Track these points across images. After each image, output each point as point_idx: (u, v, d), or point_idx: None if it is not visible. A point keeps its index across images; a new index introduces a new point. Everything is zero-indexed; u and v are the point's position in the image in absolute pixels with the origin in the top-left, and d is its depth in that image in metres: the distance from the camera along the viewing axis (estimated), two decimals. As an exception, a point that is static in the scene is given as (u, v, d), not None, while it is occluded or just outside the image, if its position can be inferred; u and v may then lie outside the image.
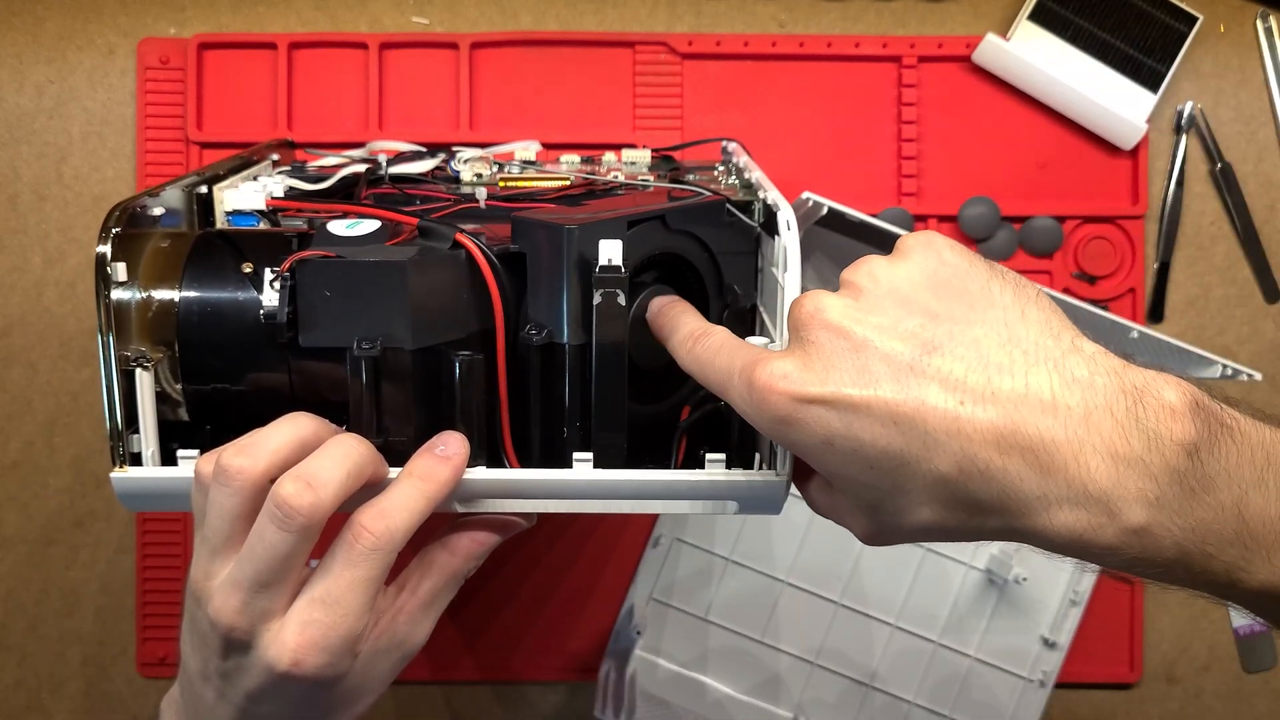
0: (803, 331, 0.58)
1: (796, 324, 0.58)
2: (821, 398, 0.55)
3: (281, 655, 0.64)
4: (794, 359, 0.57)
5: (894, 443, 0.55)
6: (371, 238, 0.69)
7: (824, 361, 0.56)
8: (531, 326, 0.69)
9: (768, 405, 0.57)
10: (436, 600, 0.72)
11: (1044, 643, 1.04)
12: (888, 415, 0.54)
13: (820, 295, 0.59)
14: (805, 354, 0.57)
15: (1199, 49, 1.06)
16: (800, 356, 0.57)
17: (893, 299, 0.58)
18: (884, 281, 0.59)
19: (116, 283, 0.67)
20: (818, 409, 0.55)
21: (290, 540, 0.62)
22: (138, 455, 0.68)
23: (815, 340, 0.57)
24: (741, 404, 0.59)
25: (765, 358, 0.58)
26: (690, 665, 1.05)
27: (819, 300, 0.58)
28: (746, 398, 0.58)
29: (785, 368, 0.56)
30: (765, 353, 0.59)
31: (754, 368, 0.57)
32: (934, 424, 0.54)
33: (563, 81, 1.06)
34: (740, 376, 0.58)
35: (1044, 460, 0.53)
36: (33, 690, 1.07)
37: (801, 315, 0.58)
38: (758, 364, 0.57)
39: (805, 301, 0.58)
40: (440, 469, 0.66)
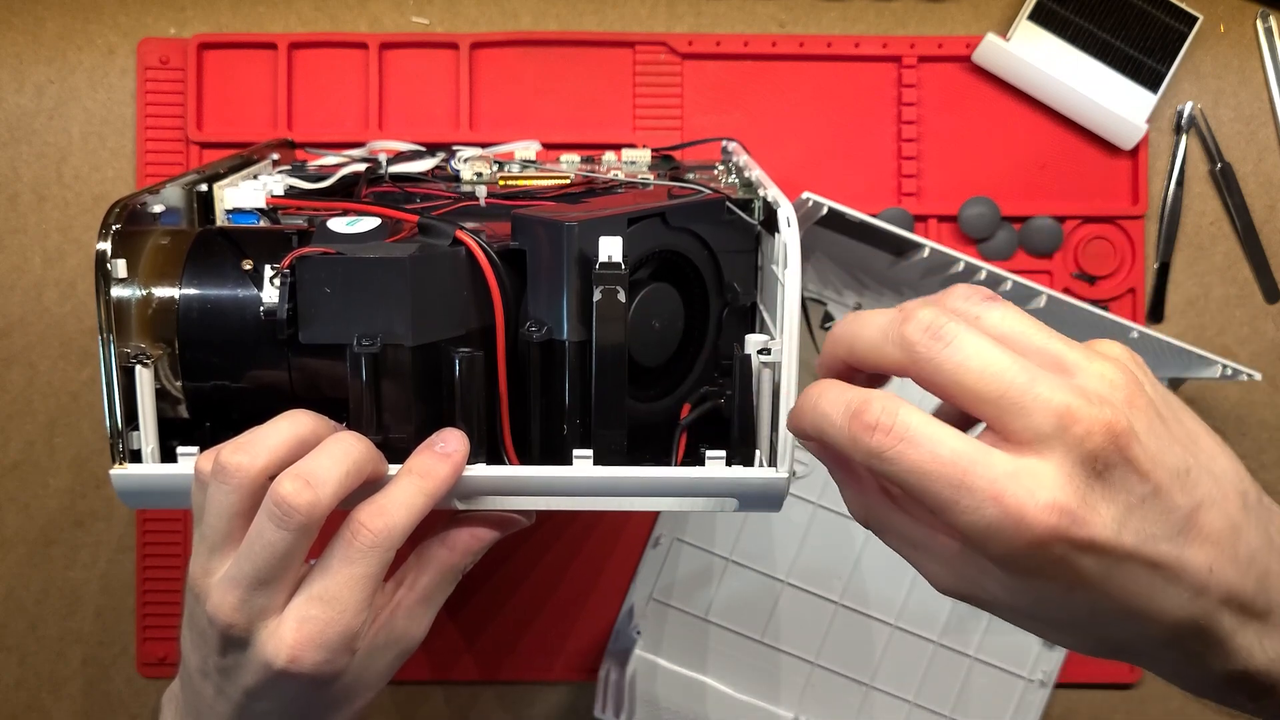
0: (1103, 454, 0.49)
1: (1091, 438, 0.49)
2: (1106, 546, 0.49)
3: (279, 652, 0.64)
4: (1077, 488, 0.49)
5: (1137, 599, 0.51)
6: (371, 235, 0.69)
7: (1116, 503, 0.49)
8: (531, 323, 0.69)
9: (1021, 532, 0.49)
10: (434, 596, 0.72)
11: (1044, 642, 1.04)
12: (1152, 571, 0.50)
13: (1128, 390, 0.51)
14: (1099, 485, 0.49)
15: (1199, 49, 1.06)
16: (1085, 488, 0.49)
17: (1168, 434, 0.52)
18: (1152, 411, 0.52)
19: (116, 280, 0.67)
20: (1088, 558, 0.49)
21: (288, 538, 0.62)
22: (137, 452, 0.68)
23: (1118, 472, 0.49)
24: (975, 526, 0.49)
25: (1026, 468, 0.49)
26: (690, 665, 1.05)
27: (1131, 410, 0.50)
28: (988, 521, 0.49)
29: (1061, 497, 0.49)
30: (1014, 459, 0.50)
31: (1005, 472, 0.49)
32: (1186, 583, 0.51)
33: (563, 81, 1.06)
34: (985, 487, 0.49)
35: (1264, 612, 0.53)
36: (33, 690, 1.07)
37: (1101, 429, 0.49)
38: (1015, 470, 0.49)
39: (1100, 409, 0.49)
40: (440, 466, 0.66)
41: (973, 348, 0.51)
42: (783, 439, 0.67)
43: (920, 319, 0.52)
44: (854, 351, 0.55)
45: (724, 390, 0.74)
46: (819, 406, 0.54)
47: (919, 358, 0.51)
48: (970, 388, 0.50)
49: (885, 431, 0.50)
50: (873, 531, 0.59)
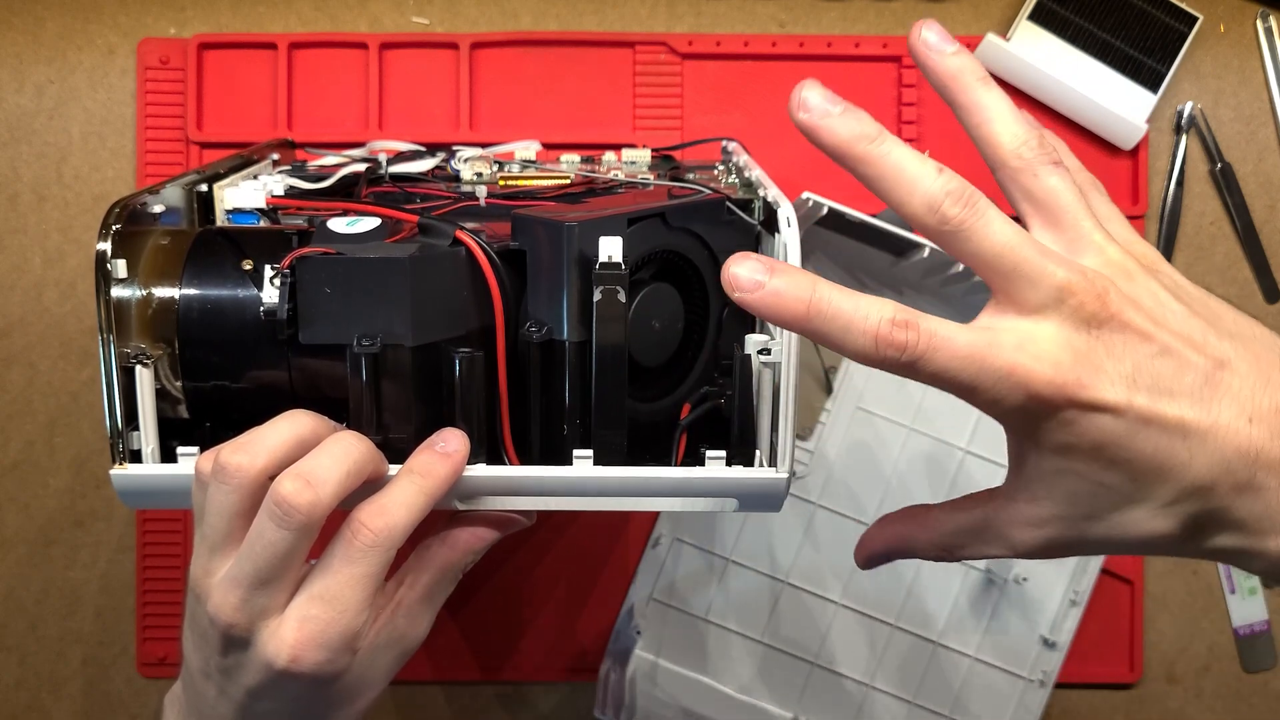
0: (1097, 315, 0.53)
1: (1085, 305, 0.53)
2: (1117, 403, 0.52)
3: (280, 652, 0.64)
4: (1075, 347, 0.53)
5: (1173, 455, 0.53)
6: (372, 235, 0.69)
7: (1124, 361, 0.53)
8: (531, 323, 0.69)
9: (1034, 399, 0.53)
10: (435, 594, 0.72)
11: (1044, 643, 1.04)
12: (1181, 430, 0.53)
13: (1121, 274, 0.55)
14: (1096, 344, 0.53)
15: (1199, 49, 1.06)
16: (1086, 346, 0.53)
17: (1178, 305, 0.55)
18: (1166, 279, 0.56)
19: (116, 280, 0.67)
20: (1104, 417, 0.53)
21: (289, 538, 0.62)
22: (138, 453, 0.68)
23: (1116, 334, 0.53)
24: (997, 401, 0.53)
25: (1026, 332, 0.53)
26: (690, 665, 1.05)
27: (1128, 284, 0.54)
28: (1004, 392, 0.53)
29: (1061, 356, 0.53)
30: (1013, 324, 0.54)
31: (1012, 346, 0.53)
32: (1220, 440, 0.53)
33: (563, 81, 1.06)
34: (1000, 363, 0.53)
35: None
36: (33, 690, 1.07)
37: (1092, 295, 0.53)
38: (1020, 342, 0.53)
39: (1094, 278, 0.53)
40: (440, 466, 0.66)
41: (998, 224, 0.54)
42: (783, 439, 0.67)
43: (956, 191, 0.54)
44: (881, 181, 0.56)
45: (724, 390, 0.74)
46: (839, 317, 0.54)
47: (948, 229, 0.55)
48: (988, 259, 0.54)
49: (913, 346, 0.53)
50: (956, 559, 0.63)
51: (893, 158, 0.55)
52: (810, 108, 0.56)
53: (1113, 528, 0.57)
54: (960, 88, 0.59)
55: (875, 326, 0.53)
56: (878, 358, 0.53)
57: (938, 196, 0.54)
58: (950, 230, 0.54)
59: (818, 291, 0.54)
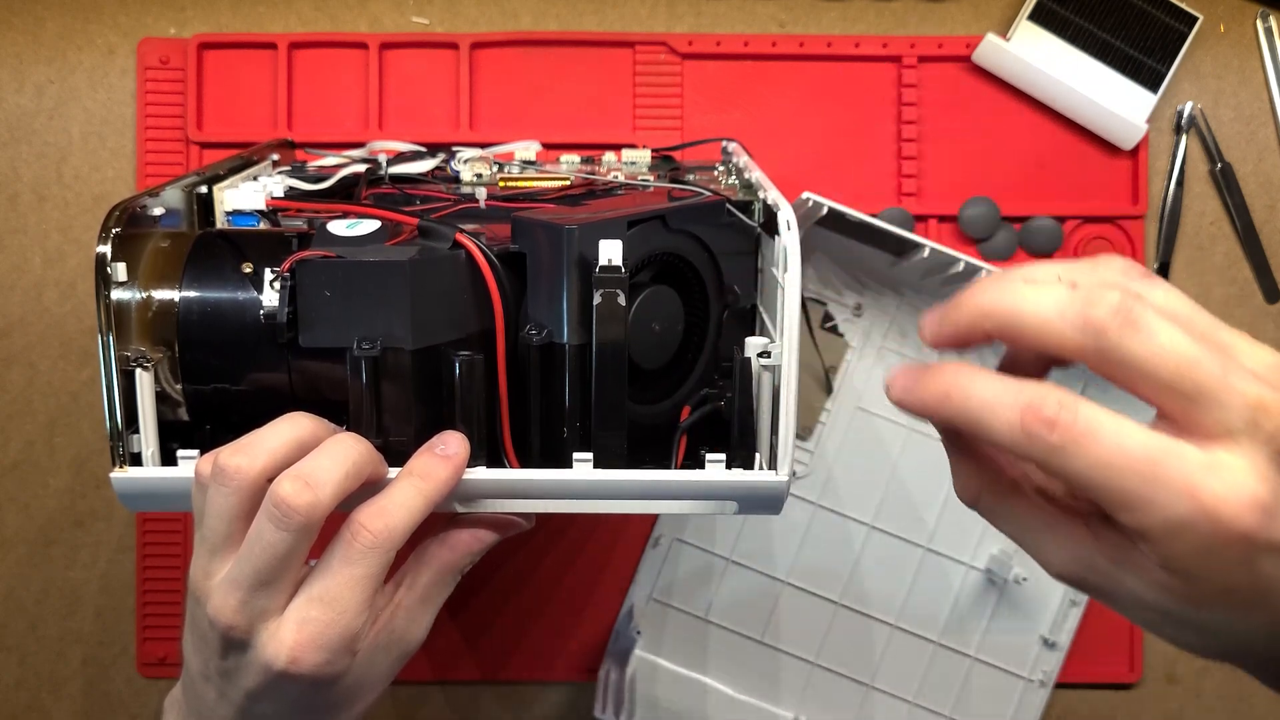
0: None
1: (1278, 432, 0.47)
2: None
3: (279, 653, 0.64)
4: (1275, 485, 0.47)
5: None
6: (371, 238, 0.69)
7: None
8: (531, 326, 0.69)
9: (1219, 530, 0.46)
10: (434, 596, 0.72)
11: (1044, 643, 1.04)
12: None
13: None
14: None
15: (1199, 49, 1.06)
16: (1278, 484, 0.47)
17: None
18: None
19: (116, 283, 0.67)
20: (1273, 559, 0.47)
21: (288, 539, 0.62)
22: (138, 455, 0.68)
23: None
24: (1165, 522, 0.47)
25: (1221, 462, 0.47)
26: (690, 665, 1.05)
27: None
28: (1179, 516, 0.47)
29: (1262, 493, 0.46)
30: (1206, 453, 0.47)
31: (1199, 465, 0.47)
32: None
33: (563, 81, 1.06)
34: (1177, 480, 0.46)
35: None
36: (33, 690, 1.07)
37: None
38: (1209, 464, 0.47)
39: None
40: (440, 468, 0.66)
41: (1166, 336, 0.48)
42: (783, 442, 0.67)
43: (1109, 300, 0.48)
44: (1013, 326, 0.51)
45: (724, 393, 0.74)
46: (976, 395, 0.50)
47: (1108, 344, 0.48)
48: (1164, 377, 0.48)
49: (1068, 426, 0.48)
50: (981, 514, 0.57)
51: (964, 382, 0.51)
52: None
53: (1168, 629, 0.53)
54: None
55: (1025, 402, 0.49)
56: (1024, 439, 0.48)
57: (1081, 310, 0.49)
58: (1111, 344, 0.48)
59: (959, 376, 0.51)
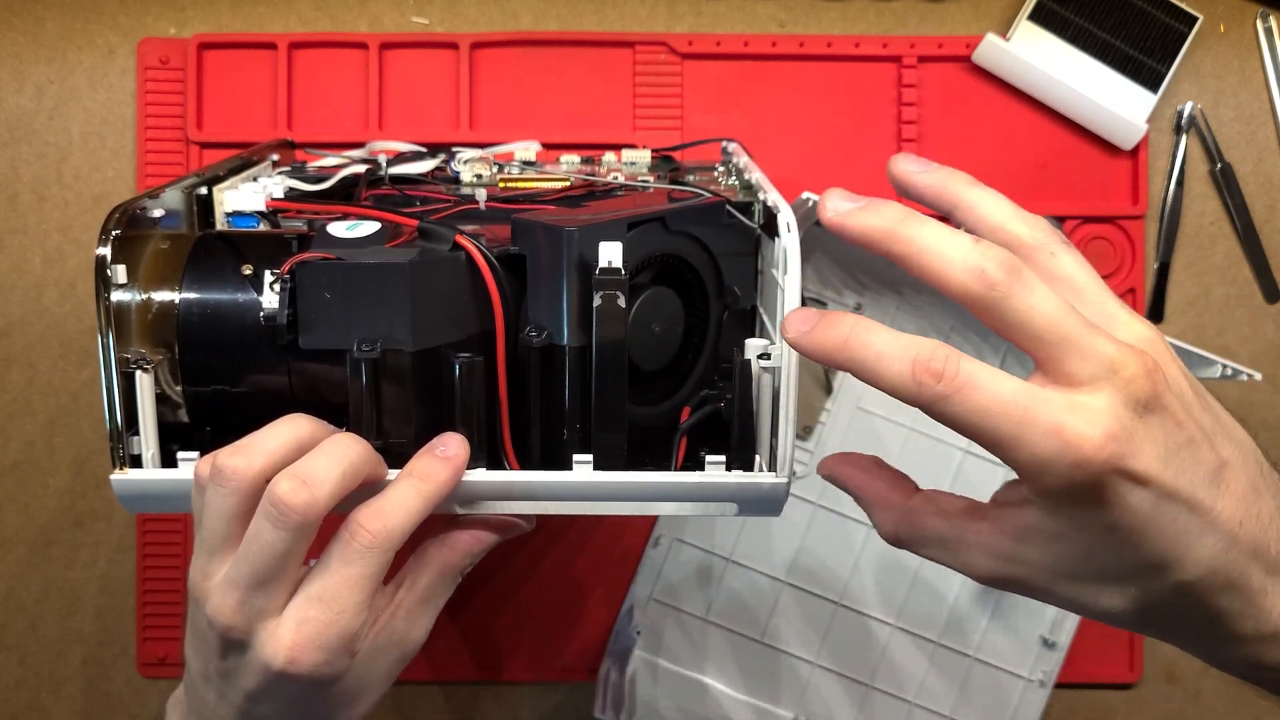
0: (1145, 395, 0.53)
1: (1136, 381, 0.53)
2: (1152, 479, 0.53)
3: (277, 653, 0.64)
4: (1124, 422, 0.52)
5: (1177, 543, 0.54)
6: (371, 239, 0.69)
7: (1159, 442, 0.53)
8: (531, 328, 0.69)
9: (1080, 462, 0.52)
10: (434, 596, 0.72)
11: (1044, 643, 1.04)
12: (1193, 513, 0.54)
13: (1160, 357, 0.55)
14: (1139, 424, 0.53)
15: (1199, 49, 1.06)
16: (1133, 423, 0.53)
17: (1195, 399, 0.57)
18: (1182, 379, 0.57)
19: (116, 285, 0.67)
20: (1136, 491, 0.53)
21: (286, 538, 0.63)
22: (138, 457, 0.68)
23: (1157, 416, 0.53)
24: (1035, 457, 0.52)
25: (1077, 401, 0.53)
26: (690, 665, 1.05)
27: (1164, 369, 0.55)
28: (1048, 452, 0.52)
29: (1115, 428, 0.52)
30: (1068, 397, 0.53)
31: (1062, 407, 0.52)
32: (1219, 533, 0.54)
33: (563, 81, 1.06)
34: (1046, 420, 0.52)
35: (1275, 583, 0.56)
36: (33, 690, 1.07)
37: (1143, 374, 0.53)
38: (1071, 406, 0.52)
39: (1142, 358, 0.53)
40: (439, 469, 0.66)
41: (1043, 293, 0.53)
42: (783, 444, 0.67)
43: (1001, 257, 0.54)
44: (917, 259, 0.55)
45: (724, 394, 0.74)
46: (873, 347, 0.54)
47: (996, 295, 0.53)
48: (1036, 329, 0.53)
49: (951, 378, 0.52)
50: (905, 547, 0.63)
51: (928, 231, 0.55)
52: (838, 208, 0.57)
53: (1082, 593, 0.57)
54: (952, 191, 0.60)
55: (914, 354, 0.53)
56: (913, 386, 0.53)
57: (979, 263, 0.54)
58: (998, 296, 0.53)
59: (856, 326, 0.54)
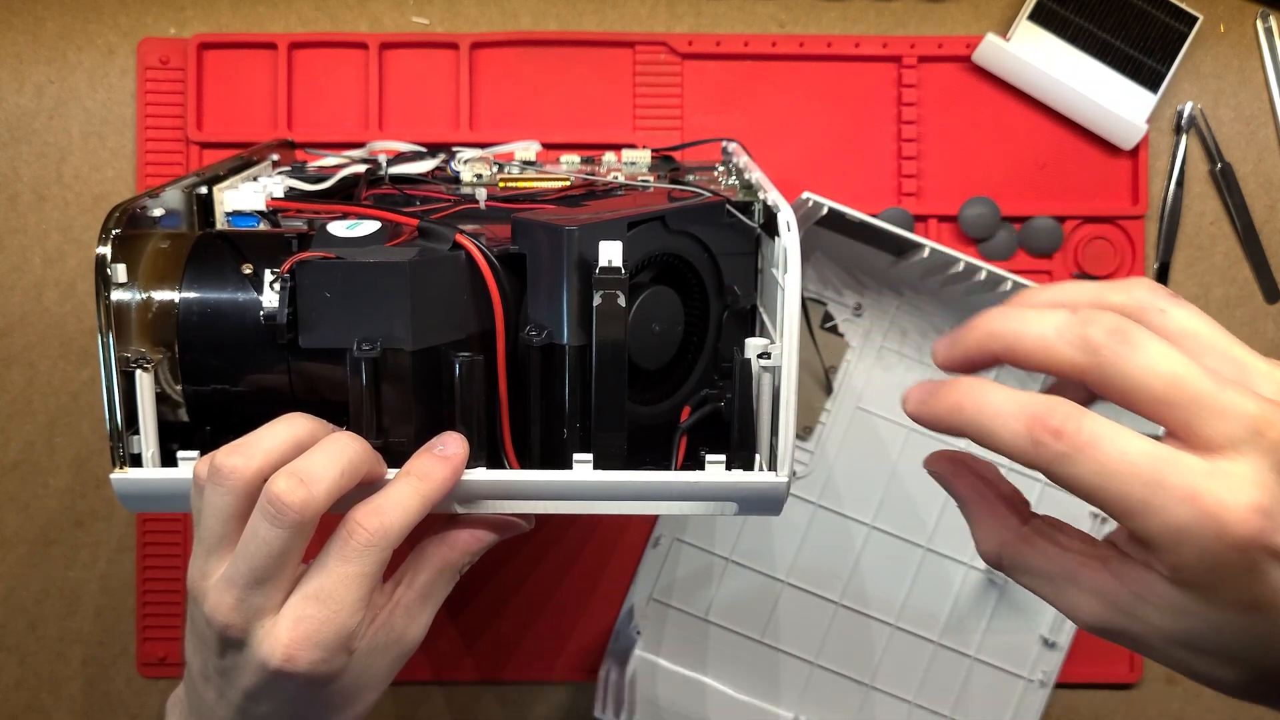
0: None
1: None
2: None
3: (274, 651, 0.64)
4: (1275, 492, 0.48)
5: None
6: (371, 239, 0.69)
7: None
8: (531, 327, 0.69)
9: (1221, 534, 0.47)
10: (433, 594, 0.72)
11: (1044, 643, 1.04)
12: None
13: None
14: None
15: (1199, 49, 1.06)
16: None
17: None
18: None
19: (116, 284, 0.67)
20: None
21: (283, 536, 0.62)
22: (138, 456, 0.68)
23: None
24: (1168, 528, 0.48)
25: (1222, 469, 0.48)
26: (690, 665, 1.05)
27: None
28: (1183, 522, 0.47)
29: (1263, 499, 0.47)
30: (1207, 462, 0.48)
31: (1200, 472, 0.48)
32: None
33: (563, 81, 1.06)
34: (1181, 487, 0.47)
35: None
36: (33, 690, 1.07)
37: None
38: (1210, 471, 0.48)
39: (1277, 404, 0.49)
40: (438, 468, 0.66)
41: (1159, 351, 0.49)
42: (783, 443, 0.67)
43: (1104, 321, 0.50)
44: (1016, 348, 0.53)
45: (724, 393, 0.74)
46: (987, 406, 0.51)
47: (1103, 361, 0.50)
48: (1157, 392, 0.49)
49: (1073, 435, 0.49)
50: (1004, 570, 0.58)
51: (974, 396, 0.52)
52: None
53: (1199, 663, 0.53)
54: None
55: (1030, 412, 0.50)
56: (1030, 447, 0.50)
57: (1079, 330, 0.51)
58: (1107, 360, 0.50)
59: (970, 387, 0.52)
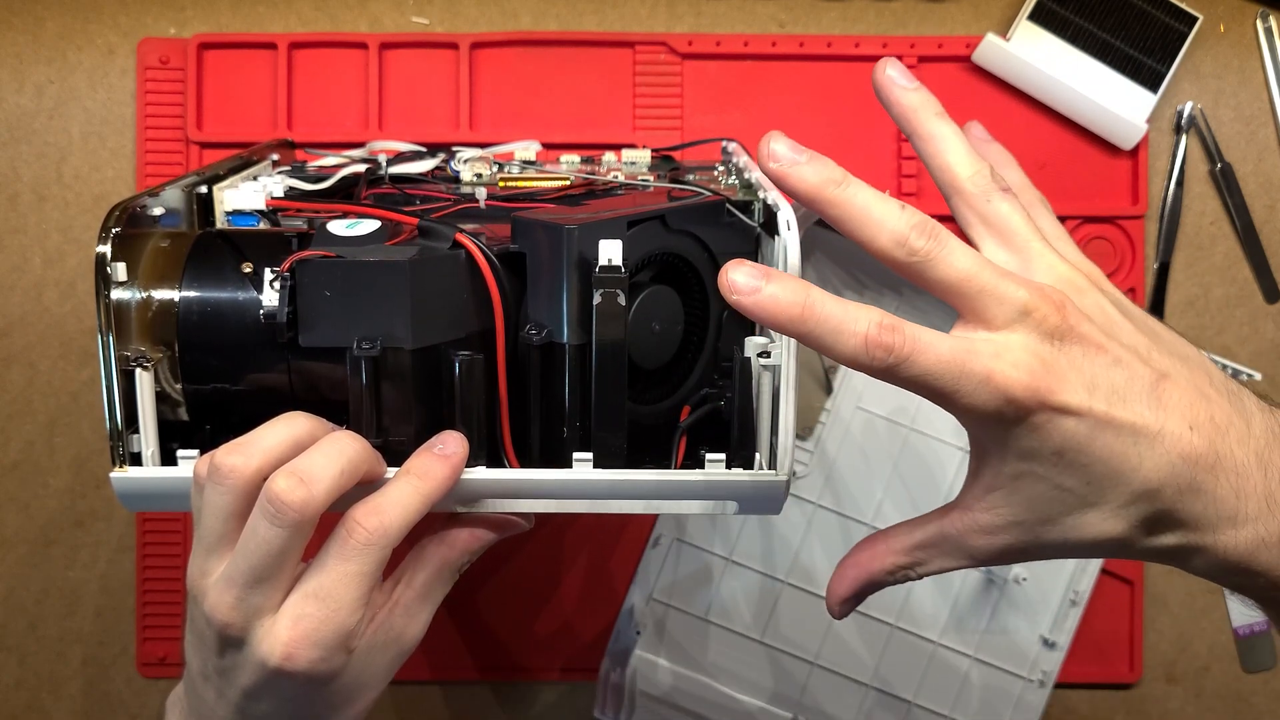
0: (1058, 329, 0.58)
1: (1047, 319, 0.58)
2: (1080, 408, 0.57)
3: (274, 650, 0.64)
4: (1043, 357, 0.57)
5: (1126, 458, 0.58)
6: (371, 238, 0.69)
7: (1084, 369, 0.58)
8: (531, 326, 0.69)
9: (1011, 401, 0.56)
10: (432, 593, 0.72)
11: (1044, 643, 1.04)
12: (1133, 433, 0.58)
13: (1073, 289, 0.60)
14: (1060, 355, 0.58)
15: (1199, 49, 1.06)
16: (1052, 356, 0.58)
17: (1124, 322, 0.61)
18: (1110, 296, 0.62)
19: (116, 283, 0.67)
20: (1069, 420, 0.57)
21: (283, 535, 0.63)
22: (138, 455, 0.68)
23: (1076, 345, 0.58)
24: (973, 405, 0.57)
25: (1001, 344, 0.57)
26: (690, 665, 1.05)
27: (1079, 299, 0.60)
28: (983, 398, 0.57)
29: (1034, 364, 0.57)
30: (987, 338, 0.58)
31: (990, 355, 0.57)
32: (1166, 444, 0.58)
33: (563, 81, 1.06)
34: (977, 371, 0.57)
35: (1241, 482, 0.59)
36: (33, 690, 1.07)
37: (1053, 309, 0.58)
38: (997, 352, 0.57)
39: (1049, 294, 0.58)
40: (438, 467, 0.66)
41: (960, 251, 0.59)
42: (783, 442, 0.67)
43: (924, 226, 0.59)
44: (849, 221, 0.61)
45: (724, 392, 0.74)
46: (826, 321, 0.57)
47: (916, 259, 0.59)
48: (954, 284, 0.58)
49: (899, 347, 0.56)
50: (915, 578, 0.67)
51: (859, 199, 0.60)
52: (779, 157, 0.61)
53: (1067, 531, 0.61)
54: (919, 120, 0.66)
55: (865, 330, 0.57)
56: (866, 359, 0.57)
57: (903, 231, 0.59)
58: (918, 261, 0.59)
59: (811, 296, 0.58)
